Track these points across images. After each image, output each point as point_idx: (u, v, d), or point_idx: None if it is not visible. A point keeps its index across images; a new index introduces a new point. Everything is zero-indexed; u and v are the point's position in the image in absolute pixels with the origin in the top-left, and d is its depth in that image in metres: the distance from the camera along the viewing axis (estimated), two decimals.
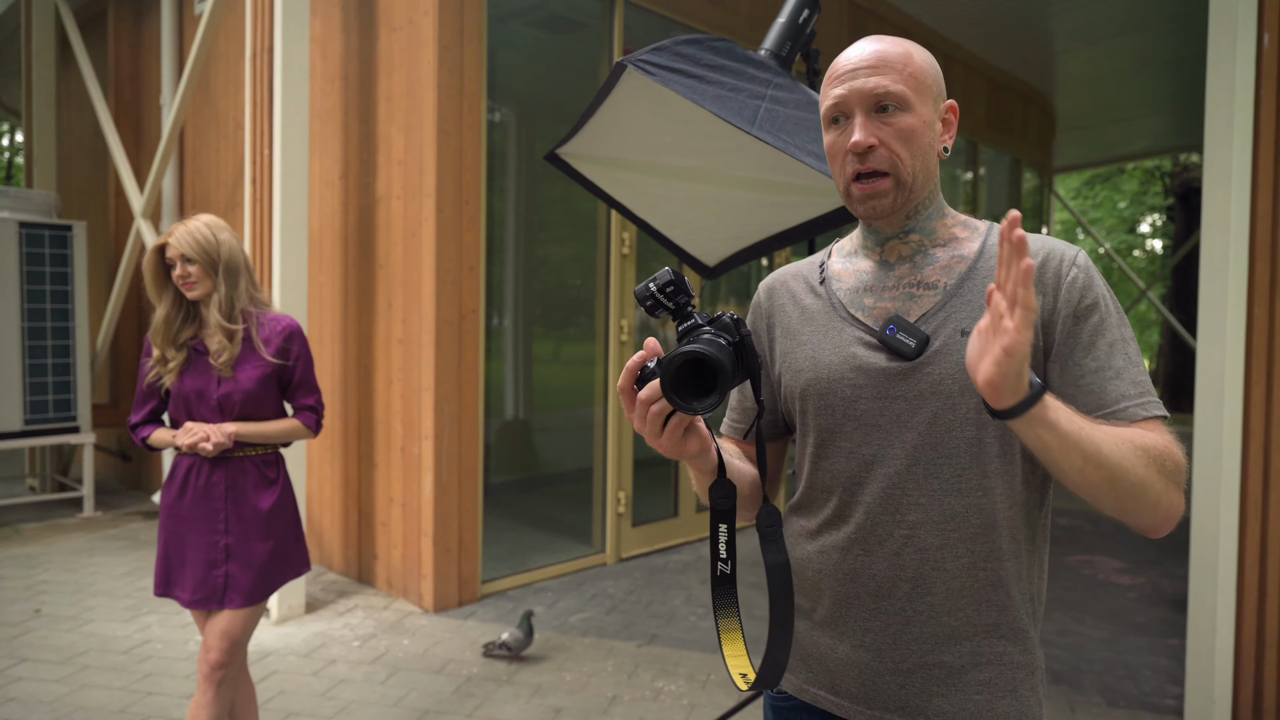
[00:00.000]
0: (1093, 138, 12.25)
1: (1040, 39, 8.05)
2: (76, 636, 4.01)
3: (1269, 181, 3.06)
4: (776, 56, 2.42)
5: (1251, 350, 3.08)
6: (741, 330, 1.06)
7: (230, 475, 2.44)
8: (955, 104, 1.23)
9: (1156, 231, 22.18)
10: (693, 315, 1.08)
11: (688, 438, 1.06)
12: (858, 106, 1.16)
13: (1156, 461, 1.03)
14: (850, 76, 1.17)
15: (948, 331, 1.15)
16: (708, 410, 0.98)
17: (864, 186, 1.17)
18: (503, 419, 5.36)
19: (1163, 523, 1.06)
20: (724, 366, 0.97)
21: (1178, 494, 1.05)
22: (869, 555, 1.18)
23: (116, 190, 7.26)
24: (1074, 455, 0.98)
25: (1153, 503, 1.03)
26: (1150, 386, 1.11)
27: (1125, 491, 1.01)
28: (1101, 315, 1.12)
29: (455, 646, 3.99)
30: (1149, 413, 1.09)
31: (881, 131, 1.15)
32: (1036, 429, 0.97)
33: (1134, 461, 1.01)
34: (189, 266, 2.38)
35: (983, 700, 1.14)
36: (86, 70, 6.69)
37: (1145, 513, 1.04)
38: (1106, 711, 3.45)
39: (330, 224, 5.09)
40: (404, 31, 4.52)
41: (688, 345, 0.98)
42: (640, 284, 1.06)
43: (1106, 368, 1.11)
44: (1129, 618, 4.58)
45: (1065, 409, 0.99)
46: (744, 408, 1.40)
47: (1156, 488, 1.02)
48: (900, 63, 1.16)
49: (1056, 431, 0.97)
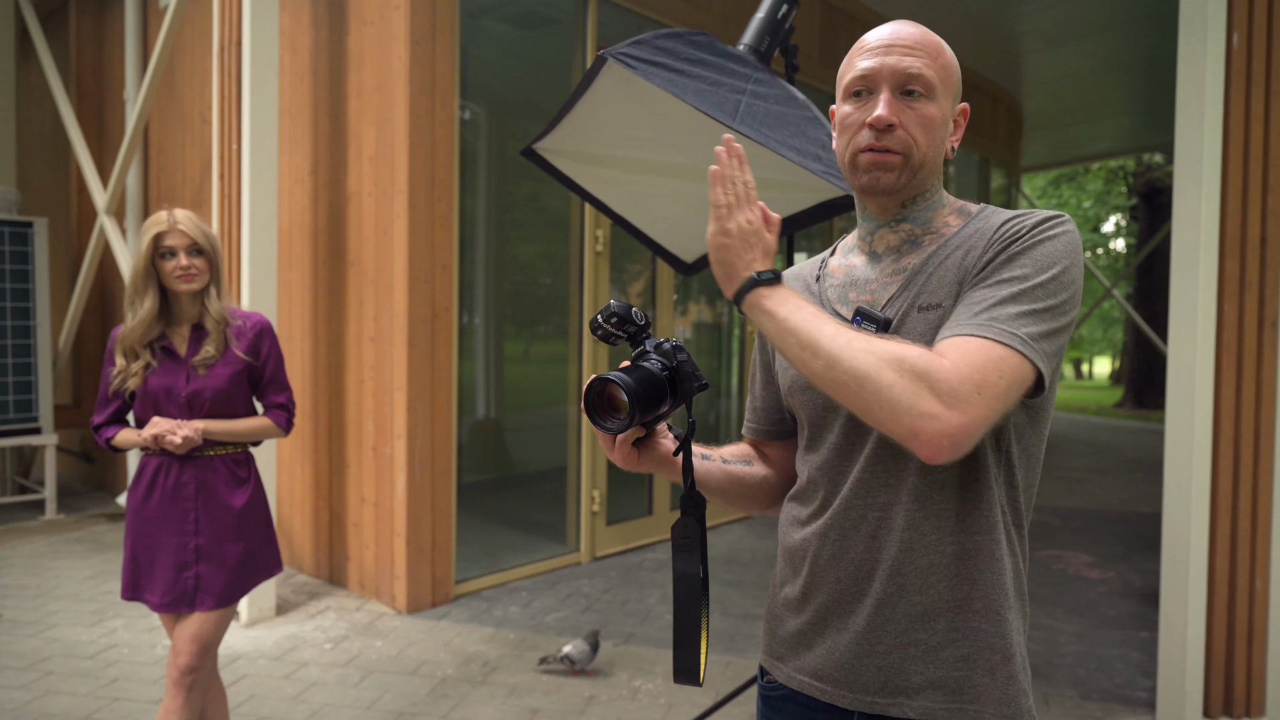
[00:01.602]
0: (1058, 137, 12.43)
1: (1008, 39, 8.13)
2: (40, 642, 3.91)
3: (1238, 179, 3.10)
4: (755, 51, 2.41)
5: (1221, 346, 3.13)
6: (678, 357, 1.17)
7: (200, 474, 2.38)
8: (968, 107, 1.23)
9: (1120, 231, 22.53)
10: (644, 341, 1.20)
11: (642, 457, 1.21)
12: (886, 82, 1.16)
13: (895, 358, 1.00)
14: (884, 51, 1.16)
15: (906, 308, 1.16)
16: (617, 430, 1.12)
17: (874, 156, 1.16)
18: (474, 418, 5.31)
19: (914, 435, 0.99)
20: (632, 391, 1.09)
21: (929, 402, 0.98)
22: (845, 540, 1.20)
23: (79, 186, 7.11)
24: (790, 340, 1.07)
25: (888, 401, 0.99)
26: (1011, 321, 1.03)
27: (845, 380, 1.02)
28: (1023, 262, 1.08)
29: (429, 648, 3.95)
30: (960, 332, 1.04)
31: (904, 114, 1.15)
32: (754, 314, 1.11)
33: (862, 353, 1.01)
34: (195, 258, 2.32)
35: (963, 676, 1.13)
36: (47, 63, 6.55)
37: (881, 412, 1.00)
38: (1079, 704, 3.48)
39: (300, 221, 5.02)
40: (375, 26, 4.46)
41: (607, 374, 1.11)
42: (592, 317, 1.20)
43: (985, 300, 1.06)
44: (1099, 611, 4.64)
45: (800, 306, 1.08)
46: (754, 408, 1.45)
47: (886, 381, 0.99)
48: (934, 51, 1.17)
49: (773, 319, 1.08)
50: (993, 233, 1.14)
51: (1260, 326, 3.12)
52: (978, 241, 1.15)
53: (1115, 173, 19.59)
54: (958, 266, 1.15)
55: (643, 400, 1.10)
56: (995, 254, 1.11)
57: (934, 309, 1.13)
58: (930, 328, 1.12)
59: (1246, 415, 3.13)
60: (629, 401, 1.09)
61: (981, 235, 1.16)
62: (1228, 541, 3.16)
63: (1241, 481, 3.15)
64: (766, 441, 1.43)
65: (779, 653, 1.30)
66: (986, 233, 1.15)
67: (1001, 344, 1.02)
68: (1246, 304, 3.12)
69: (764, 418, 1.43)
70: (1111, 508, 7.46)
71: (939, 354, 1.02)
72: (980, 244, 1.14)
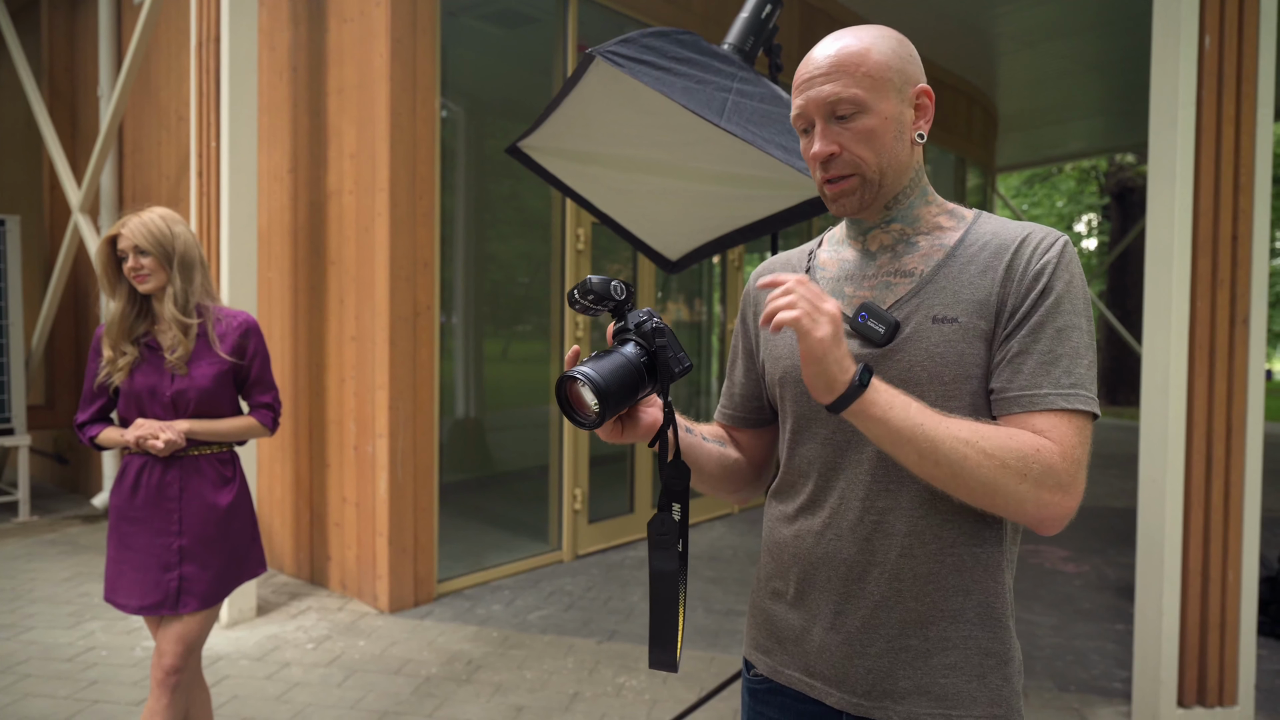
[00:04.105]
0: (1033, 138, 12.57)
1: (984, 41, 8.23)
2: (16, 645, 3.87)
3: (1210, 177, 3.16)
4: (740, 51, 2.43)
5: (1194, 342, 3.18)
6: (657, 340, 1.14)
7: (184, 474, 2.37)
8: (928, 88, 1.21)
9: (1092, 230, 22.81)
10: (625, 316, 1.17)
11: (625, 429, 1.17)
12: (816, 115, 1.18)
13: (1018, 464, 1.05)
14: (807, 85, 1.18)
15: (919, 318, 1.16)
16: (590, 426, 1.10)
17: (833, 188, 1.20)
18: (454, 417, 5.30)
19: (1039, 522, 1.08)
20: (600, 390, 1.07)
21: (1051, 494, 1.06)
22: (840, 540, 1.20)
23: (52, 184, 7.02)
24: (908, 450, 1.06)
25: (1015, 501, 1.06)
26: (1088, 382, 1.10)
27: (975, 488, 1.06)
28: (1057, 301, 1.12)
29: (413, 647, 3.94)
30: (1071, 405, 1.09)
31: (841, 137, 1.17)
32: (862, 422, 1.06)
33: (980, 462, 1.05)
34: (142, 259, 2.30)
35: (949, 683, 1.15)
36: (19, 59, 6.46)
37: (1007, 509, 1.07)
38: (1058, 695, 3.53)
39: (279, 219, 4.98)
40: (355, 23, 4.44)
41: (577, 368, 1.09)
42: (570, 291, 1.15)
43: (1045, 353, 1.11)
44: (1076, 604, 4.70)
45: (905, 405, 1.06)
46: (731, 394, 1.44)
47: (1012, 487, 1.05)
48: (854, 64, 1.15)
49: (886, 426, 1.05)
50: (1011, 257, 1.15)
51: (1232, 323, 3.19)
52: (994, 263, 1.15)
53: (1088, 173, 19.85)
54: (972, 284, 1.15)
55: (613, 397, 1.08)
56: (1035, 295, 1.12)
57: (949, 323, 1.15)
58: (945, 340, 1.14)
59: (1219, 410, 3.19)
60: (598, 401, 1.08)
61: (996, 255, 1.16)
62: (1201, 534, 3.22)
63: (1214, 475, 3.20)
64: (740, 428, 1.43)
65: (766, 647, 1.31)
66: (1001, 254, 1.16)
67: (1084, 413, 1.10)
68: (1219, 301, 3.18)
69: (742, 405, 1.42)
70: (1087, 503, 7.56)
71: (1042, 434, 1.08)
72: (997, 266, 1.15)
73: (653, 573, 1.14)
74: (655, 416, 1.18)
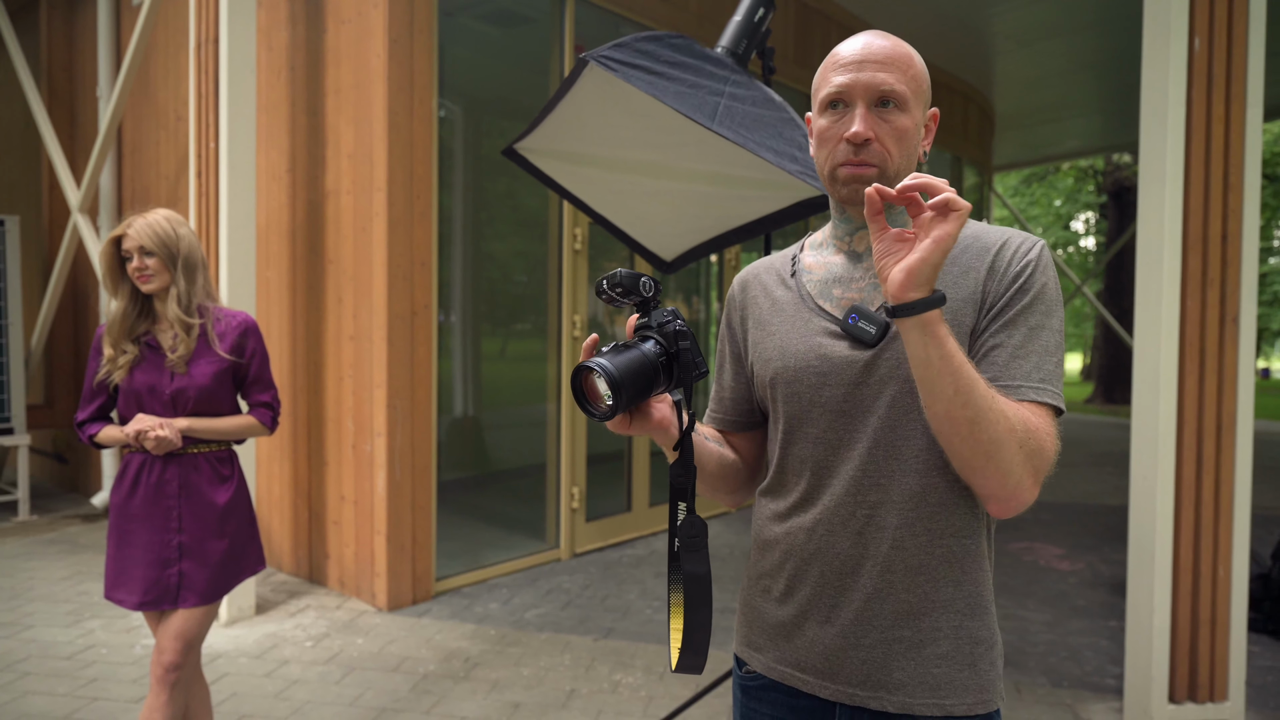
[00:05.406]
0: (1029, 137, 12.59)
1: (980, 40, 8.24)
2: (15, 643, 3.89)
3: (1200, 177, 3.18)
4: (733, 54, 2.46)
5: (1185, 341, 3.21)
6: (680, 344, 1.13)
7: (183, 472, 2.40)
8: (938, 112, 1.27)
9: (1090, 229, 22.84)
10: (650, 313, 1.16)
11: (634, 421, 1.16)
12: (860, 97, 1.19)
13: (1023, 433, 1.08)
14: (857, 67, 1.19)
15: None
16: (601, 418, 1.10)
17: (852, 170, 1.20)
18: (452, 416, 5.33)
19: (1007, 497, 1.10)
20: (615, 383, 1.06)
21: (1030, 476, 1.09)
22: (832, 535, 1.22)
23: (51, 184, 7.04)
24: (948, 380, 1.04)
25: (1004, 470, 1.07)
26: (1056, 378, 1.14)
27: (983, 442, 1.06)
28: (1033, 300, 1.16)
29: (410, 644, 3.97)
30: (1040, 398, 1.12)
31: (879, 127, 1.19)
32: (925, 335, 1.04)
33: (1001, 418, 1.06)
34: (147, 259, 2.33)
35: (941, 673, 1.18)
36: (17, 59, 6.47)
37: (993, 476, 1.08)
38: (1051, 691, 3.56)
39: (277, 219, 5.01)
40: (353, 24, 4.46)
41: (595, 360, 1.08)
42: (598, 280, 1.14)
43: (1018, 346, 1.14)
44: (1069, 601, 4.73)
45: (957, 342, 1.06)
46: (721, 398, 1.45)
47: (1011, 455, 1.07)
48: (905, 63, 1.20)
49: (943, 348, 1.04)
50: (994, 258, 1.19)
51: (1222, 321, 3.21)
52: (976, 264, 1.20)
53: (1085, 172, 19.88)
54: (955, 284, 1.19)
55: (627, 390, 1.08)
56: (1013, 292, 1.17)
57: None
58: None
59: (1209, 408, 3.22)
60: (611, 394, 1.07)
61: (978, 257, 1.20)
62: (1191, 531, 3.24)
63: (1204, 472, 3.23)
64: (732, 432, 1.43)
65: (758, 643, 1.33)
66: (983, 255, 1.20)
67: (1054, 408, 1.14)
68: (1209, 300, 3.21)
69: (733, 408, 1.43)
70: (1081, 501, 7.60)
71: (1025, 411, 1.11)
72: (979, 267, 1.19)
73: (686, 576, 1.13)
74: (664, 411, 1.17)
